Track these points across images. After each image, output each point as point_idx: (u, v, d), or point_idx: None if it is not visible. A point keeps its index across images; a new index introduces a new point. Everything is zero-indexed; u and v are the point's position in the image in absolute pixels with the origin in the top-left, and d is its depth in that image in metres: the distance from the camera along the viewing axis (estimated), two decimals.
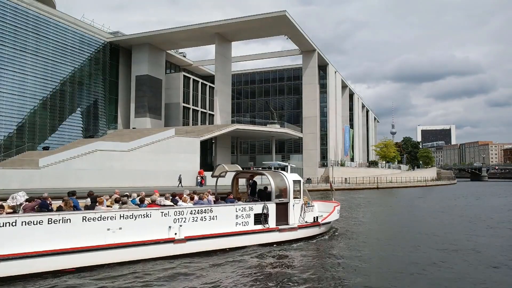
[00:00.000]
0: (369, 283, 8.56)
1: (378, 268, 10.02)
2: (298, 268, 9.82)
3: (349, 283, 8.51)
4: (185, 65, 65.89)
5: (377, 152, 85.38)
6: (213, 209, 11.37)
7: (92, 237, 9.18)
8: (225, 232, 11.38)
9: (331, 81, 63.95)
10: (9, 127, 38.30)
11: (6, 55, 38.02)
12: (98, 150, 32.76)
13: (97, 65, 48.77)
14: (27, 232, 8.41)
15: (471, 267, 10.18)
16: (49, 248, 8.57)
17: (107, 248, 9.32)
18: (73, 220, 9.02)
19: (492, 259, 11.06)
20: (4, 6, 37.91)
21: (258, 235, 12.09)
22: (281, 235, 12.63)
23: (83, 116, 46.89)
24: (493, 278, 9.17)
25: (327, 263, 10.48)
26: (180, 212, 10.70)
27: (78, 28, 45.96)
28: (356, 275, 9.12)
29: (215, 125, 48.44)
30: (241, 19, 46.69)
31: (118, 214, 9.70)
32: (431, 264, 10.25)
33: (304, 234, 13.27)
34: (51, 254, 8.56)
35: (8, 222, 8.25)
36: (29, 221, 8.48)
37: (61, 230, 8.82)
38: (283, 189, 13.13)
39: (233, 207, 11.89)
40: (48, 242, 8.61)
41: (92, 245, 9.11)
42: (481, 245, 13.09)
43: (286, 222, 12.92)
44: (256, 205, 12.38)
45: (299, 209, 13.33)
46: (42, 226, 8.60)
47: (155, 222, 10.22)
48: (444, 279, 8.97)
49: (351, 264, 10.21)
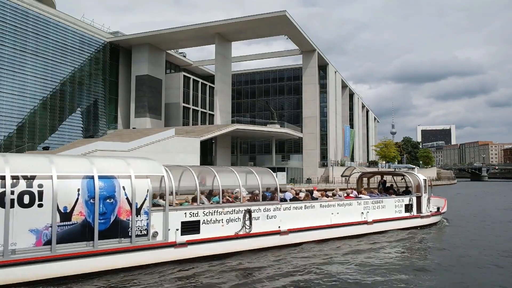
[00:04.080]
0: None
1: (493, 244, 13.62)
2: (447, 244, 13.85)
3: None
4: (185, 65, 65.89)
5: (377, 152, 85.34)
6: (383, 200, 15.24)
7: (324, 218, 13.10)
8: (390, 217, 15.20)
9: (331, 81, 63.92)
10: (9, 127, 38.30)
11: (6, 55, 38.02)
12: (98, 150, 32.71)
13: (97, 65, 48.77)
14: (301, 214, 12.59)
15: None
16: (311, 225, 12.71)
17: (332, 227, 13.23)
18: (316, 206, 13.05)
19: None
20: (4, 6, 37.91)
21: (409, 220, 15.92)
22: (421, 221, 16.44)
23: (83, 116, 46.89)
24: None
25: (460, 241, 14.18)
26: (366, 202, 14.51)
27: (78, 28, 45.96)
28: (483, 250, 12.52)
29: (215, 125, 48.42)
30: (241, 19, 46.68)
31: (336, 203, 13.62)
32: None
33: (432, 220, 17.25)
34: (313, 229, 12.72)
35: (309, 206, 12.89)
36: (311, 206, 12.95)
37: (312, 213, 12.83)
38: (417, 185, 16.72)
39: (393, 199, 15.76)
40: (309, 220, 12.66)
41: (324, 224, 13.02)
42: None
43: (421, 211, 16.55)
44: (405, 197, 16.15)
45: (426, 201, 16.97)
46: (308, 210, 12.79)
47: (354, 209, 14.05)
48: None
49: (476, 240, 14.31)
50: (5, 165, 7.88)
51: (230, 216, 10.83)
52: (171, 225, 9.74)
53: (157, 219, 9.53)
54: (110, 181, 8.93)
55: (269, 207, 11.64)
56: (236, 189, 11.99)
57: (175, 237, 9.75)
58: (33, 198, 7.92)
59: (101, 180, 8.76)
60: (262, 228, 11.36)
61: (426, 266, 10.46)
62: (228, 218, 10.77)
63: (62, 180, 8.31)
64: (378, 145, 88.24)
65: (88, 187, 8.59)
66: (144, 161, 10.26)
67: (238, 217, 10.98)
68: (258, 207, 11.40)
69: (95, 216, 8.56)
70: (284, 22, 46.67)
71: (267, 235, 11.43)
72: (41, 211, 7.97)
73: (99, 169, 8.95)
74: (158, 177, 10.08)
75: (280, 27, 48.48)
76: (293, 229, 11.99)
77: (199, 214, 10.23)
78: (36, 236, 7.96)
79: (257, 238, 11.17)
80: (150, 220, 9.42)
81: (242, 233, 10.95)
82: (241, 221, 11.01)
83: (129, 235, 9.07)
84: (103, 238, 8.69)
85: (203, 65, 69.22)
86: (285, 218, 11.93)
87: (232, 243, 10.74)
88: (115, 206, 8.91)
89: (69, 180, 8.45)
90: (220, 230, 10.56)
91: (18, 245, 7.75)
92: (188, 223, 10.04)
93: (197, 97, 60.87)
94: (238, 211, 10.99)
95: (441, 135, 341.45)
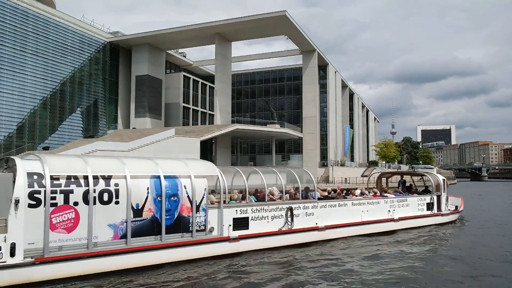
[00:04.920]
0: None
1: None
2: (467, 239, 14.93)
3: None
4: (185, 65, 65.87)
5: (377, 152, 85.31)
6: (407, 199, 16.17)
7: (356, 216, 14.05)
8: (414, 215, 16.11)
9: (331, 81, 63.91)
10: (9, 127, 38.29)
11: (6, 55, 38.01)
12: (98, 150, 32.71)
13: (97, 65, 48.76)
14: (335, 211, 13.52)
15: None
16: (344, 222, 13.64)
17: (363, 224, 14.22)
18: (348, 204, 14.02)
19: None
20: (4, 6, 37.91)
21: (430, 218, 16.91)
22: (442, 219, 17.35)
23: (83, 116, 46.88)
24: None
25: (483, 237, 15.27)
26: (392, 201, 15.54)
27: (78, 28, 45.95)
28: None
29: (215, 125, 48.40)
30: (241, 19, 46.67)
31: (366, 201, 14.64)
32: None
33: (451, 218, 18.11)
34: (347, 225, 13.63)
35: (342, 204, 13.86)
36: (344, 204, 13.91)
37: (345, 211, 13.82)
38: (437, 185, 17.72)
39: (416, 197, 16.75)
40: (342, 218, 13.64)
41: (355, 221, 13.93)
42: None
43: (440, 210, 17.46)
44: (427, 196, 17.18)
45: (445, 200, 17.86)
46: (342, 208, 13.78)
47: (382, 207, 14.98)
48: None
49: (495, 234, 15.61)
50: (86, 166, 8.74)
51: (274, 213, 11.79)
52: (224, 221, 10.69)
53: (213, 215, 10.46)
54: (174, 181, 9.86)
55: (307, 205, 12.69)
56: (269, 188, 12.86)
57: (228, 232, 10.65)
58: (111, 195, 8.79)
59: (166, 179, 9.68)
60: (302, 225, 12.35)
61: (456, 257, 11.67)
62: (272, 215, 11.76)
63: (134, 180, 9.18)
64: (378, 145, 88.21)
65: (155, 186, 9.49)
66: (201, 163, 11.49)
67: (281, 214, 11.93)
68: (298, 205, 12.40)
69: (162, 213, 9.46)
70: (284, 22, 46.67)
71: (307, 231, 12.48)
72: (117, 207, 8.87)
73: (164, 170, 9.84)
74: (213, 177, 11.04)
75: (280, 27, 48.47)
76: (329, 226, 13.02)
77: (248, 211, 11.18)
78: (113, 230, 8.84)
79: (298, 233, 12.21)
80: (207, 217, 10.30)
81: (285, 229, 11.91)
82: (284, 218, 11.97)
83: (190, 230, 10.01)
84: (168, 232, 9.58)
85: (203, 65, 69.20)
86: (322, 215, 12.95)
87: (277, 238, 11.68)
88: (178, 204, 9.84)
89: (139, 180, 9.32)
90: (265, 226, 11.53)
91: (99, 238, 8.60)
92: (239, 219, 10.99)
93: (197, 97, 60.86)
94: (281, 208, 11.94)
95: (441, 135, 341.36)
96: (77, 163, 8.88)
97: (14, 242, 7.50)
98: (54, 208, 8.05)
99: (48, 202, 7.96)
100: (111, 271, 8.64)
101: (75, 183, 8.38)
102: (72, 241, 8.27)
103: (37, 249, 7.80)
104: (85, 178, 8.50)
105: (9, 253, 7.45)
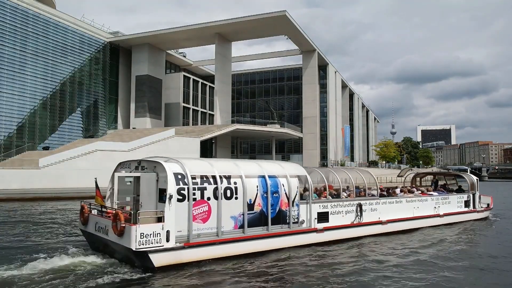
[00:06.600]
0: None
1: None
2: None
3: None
4: (185, 65, 65.88)
5: (377, 152, 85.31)
6: (449, 197, 17.84)
7: (409, 211, 15.66)
8: (455, 211, 17.78)
9: (331, 81, 63.92)
10: (9, 127, 38.32)
11: (6, 55, 38.03)
12: (98, 150, 32.76)
13: (97, 65, 48.78)
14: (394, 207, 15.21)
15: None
16: (401, 217, 15.24)
17: (415, 219, 15.81)
18: (403, 201, 15.62)
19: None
20: (4, 6, 37.92)
21: (468, 214, 18.51)
22: (477, 215, 19.01)
23: (83, 116, 46.90)
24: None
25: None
26: (437, 198, 17.19)
27: (78, 28, 45.97)
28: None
29: (215, 125, 48.42)
30: (241, 19, 46.69)
31: (416, 199, 16.22)
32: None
33: (485, 215, 19.78)
34: (403, 220, 15.30)
35: (398, 201, 15.48)
36: (399, 201, 15.53)
37: (400, 207, 15.42)
38: (472, 184, 19.25)
39: (456, 195, 18.30)
40: (399, 213, 15.24)
41: (409, 216, 15.61)
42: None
43: (475, 207, 19.04)
44: (465, 194, 18.73)
45: (478, 198, 19.42)
46: (398, 204, 15.43)
47: (429, 204, 16.67)
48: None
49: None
50: (213, 168, 10.52)
51: (347, 209, 13.58)
52: (312, 215, 12.45)
53: (303, 210, 12.27)
54: (275, 180, 11.66)
55: (372, 201, 14.44)
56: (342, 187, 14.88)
57: (314, 224, 12.45)
58: (232, 192, 10.64)
59: (269, 179, 11.50)
60: (369, 219, 14.14)
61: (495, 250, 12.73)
62: (346, 210, 13.52)
63: (247, 179, 11.00)
64: (378, 145, 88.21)
65: (262, 184, 11.30)
66: (292, 164, 13.40)
67: (352, 209, 13.70)
68: (365, 202, 14.17)
69: (268, 207, 11.29)
70: (284, 22, 46.67)
71: (373, 225, 14.26)
72: (237, 202, 10.70)
73: (267, 170, 11.70)
74: (302, 177, 12.73)
75: (280, 27, 48.48)
76: (390, 220, 14.81)
77: (328, 206, 13.04)
78: (234, 221, 10.66)
79: (366, 226, 13.98)
80: (299, 211, 12.11)
81: (356, 222, 13.68)
82: (355, 212, 13.72)
83: (287, 222, 11.79)
84: (272, 224, 11.35)
85: (203, 65, 69.20)
86: (383, 210, 14.69)
87: (350, 230, 13.51)
88: (279, 199, 11.62)
89: (251, 179, 11.16)
90: (341, 220, 13.31)
91: (224, 228, 10.38)
92: (322, 213, 12.79)
93: (197, 97, 60.87)
94: (353, 204, 13.74)
95: (441, 135, 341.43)
96: (206, 165, 10.73)
97: (168, 230, 9.28)
98: (194, 202, 9.85)
99: (190, 197, 9.74)
100: (232, 256, 10.35)
101: (207, 182, 10.23)
102: (206, 229, 10.08)
103: (183, 236, 9.62)
104: (213, 178, 10.32)
105: (165, 239, 9.23)
